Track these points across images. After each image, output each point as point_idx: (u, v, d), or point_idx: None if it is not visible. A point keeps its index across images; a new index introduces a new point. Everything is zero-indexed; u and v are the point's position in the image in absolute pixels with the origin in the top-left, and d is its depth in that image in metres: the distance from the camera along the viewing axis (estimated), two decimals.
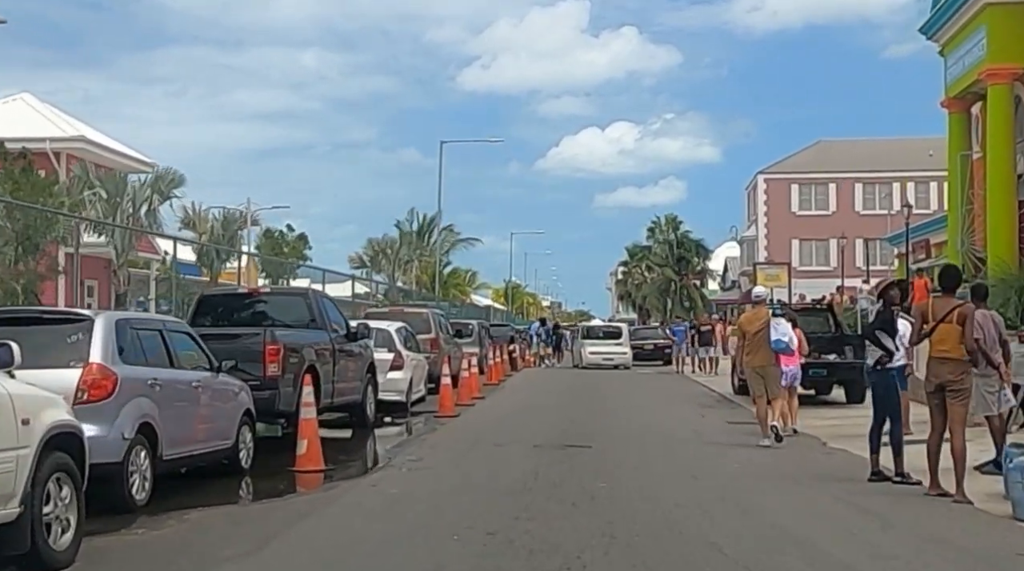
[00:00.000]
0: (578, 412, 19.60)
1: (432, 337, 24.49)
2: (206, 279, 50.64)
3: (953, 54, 32.22)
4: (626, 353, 40.38)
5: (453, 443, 14.33)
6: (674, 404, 22.08)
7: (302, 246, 49.86)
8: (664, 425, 17.39)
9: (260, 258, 48.09)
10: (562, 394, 24.82)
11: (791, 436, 15.41)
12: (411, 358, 20.52)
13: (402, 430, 17.69)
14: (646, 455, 13.08)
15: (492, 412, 19.85)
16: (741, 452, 13.34)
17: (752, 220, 70.53)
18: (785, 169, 68.43)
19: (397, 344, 19.96)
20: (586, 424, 17.35)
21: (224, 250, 46.32)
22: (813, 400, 21.78)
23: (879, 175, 66.82)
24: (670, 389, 27.11)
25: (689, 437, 15.48)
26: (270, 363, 12.60)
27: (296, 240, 49.89)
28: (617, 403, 22.35)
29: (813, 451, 13.80)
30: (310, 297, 14.88)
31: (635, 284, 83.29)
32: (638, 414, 19.56)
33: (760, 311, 14.57)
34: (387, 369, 19.52)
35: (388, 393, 19.41)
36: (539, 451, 13.28)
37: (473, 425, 17.18)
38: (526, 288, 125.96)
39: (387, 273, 72.49)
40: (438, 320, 25.67)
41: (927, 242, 37.15)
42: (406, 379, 19.85)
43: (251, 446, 11.43)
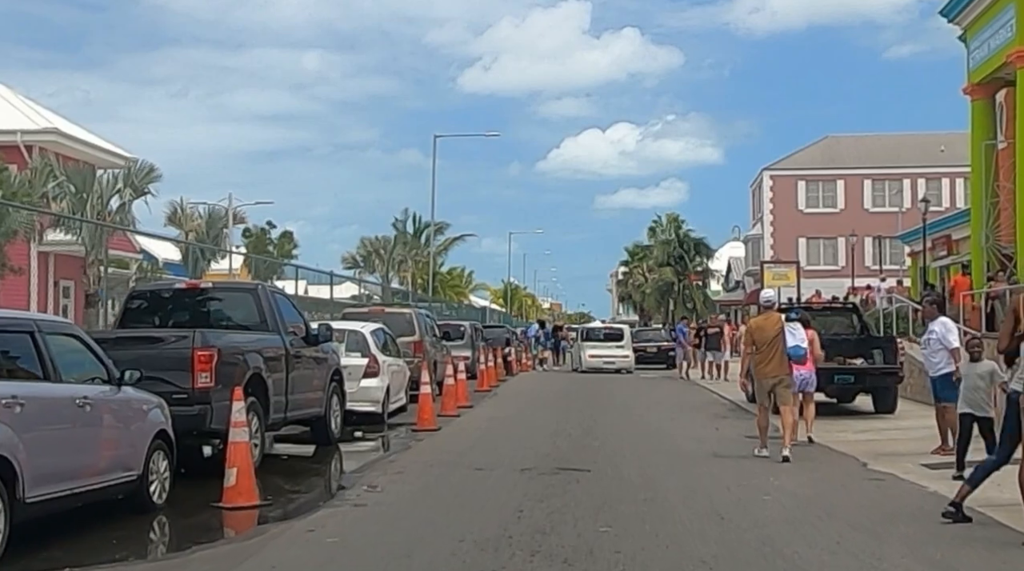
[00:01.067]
0: (575, 425, 17.36)
1: (416, 340, 22.27)
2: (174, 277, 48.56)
3: (977, 37, 30.31)
4: (628, 357, 38.15)
5: (425, 466, 12.09)
6: (683, 414, 19.83)
7: (288, 244, 47.54)
8: (675, 441, 15.15)
9: (247, 257, 45.79)
10: (558, 402, 22.58)
11: (806, 445, 13.78)
12: (388, 363, 18.29)
13: (376, 446, 15.47)
14: (657, 483, 10.82)
15: (478, 425, 17.61)
16: (771, 478, 11.10)
17: (757, 218, 68.23)
18: (792, 165, 66.08)
19: (372, 348, 17.73)
20: (584, 440, 15.12)
21: (208, 249, 44.16)
22: (834, 409, 19.59)
23: (889, 171, 64.51)
24: (677, 397, 24.85)
25: (705, 457, 13.22)
26: (200, 372, 10.36)
27: (281, 238, 47.57)
28: (620, 413, 20.12)
29: (855, 477, 11.54)
30: (260, 294, 12.64)
31: (636, 285, 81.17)
32: (644, 427, 17.33)
33: (772, 317, 13.10)
34: (360, 376, 17.32)
35: (361, 403, 17.21)
36: (527, 477, 11.05)
37: (453, 442, 14.94)
38: (526, 289, 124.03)
39: (381, 273, 70.41)
40: (423, 321, 23.44)
41: (948, 238, 34.92)
42: (382, 387, 17.62)
43: (166, 476, 9.18)
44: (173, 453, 9.31)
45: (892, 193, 63.48)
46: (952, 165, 63.14)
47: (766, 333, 12.66)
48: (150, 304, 12.89)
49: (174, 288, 13.52)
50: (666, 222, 77.24)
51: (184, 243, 45.81)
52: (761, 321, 13.11)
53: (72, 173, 33.13)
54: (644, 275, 79.27)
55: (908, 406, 19.63)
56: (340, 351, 17.40)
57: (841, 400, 20.91)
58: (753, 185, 71.03)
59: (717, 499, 9.65)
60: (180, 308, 12.74)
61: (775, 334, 12.61)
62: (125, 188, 33.95)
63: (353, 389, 17.06)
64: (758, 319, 13.55)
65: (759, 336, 12.73)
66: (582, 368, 37.98)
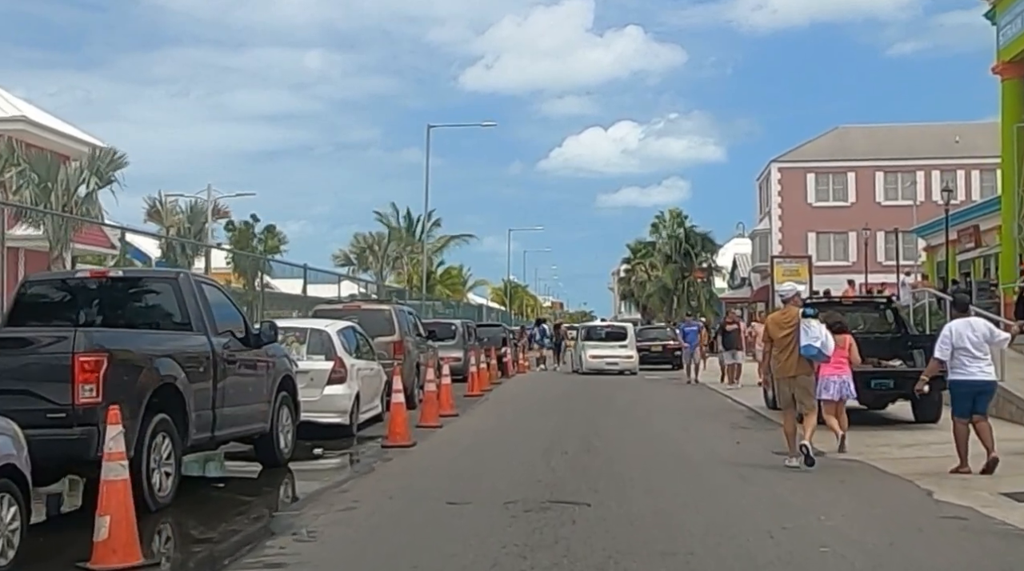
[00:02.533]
0: (574, 437, 14.94)
1: (395, 340, 19.87)
2: None
3: (1009, 11, 28.30)
4: (632, 357, 35.72)
5: (384, 498, 9.68)
6: (697, 424, 17.42)
7: (271, 239, 45.10)
8: (691, 460, 12.73)
9: (230, 253, 43.29)
10: (555, 409, 20.16)
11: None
12: (359, 367, 15.90)
13: (337, 465, 13.14)
14: (675, 524, 8.40)
15: (461, 439, 15.19)
16: (820, 517, 8.68)
17: (765, 212, 65.72)
18: (800, 157, 63.57)
19: (338, 349, 15.33)
20: (584, 458, 12.71)
21: (190, 244, 41.77)
22: (865, 417, 17.24)
23: (902, 163, 62.06)
24: (688, 402, 22.41)
25: (731, 482, 10.82)
26: (83, 383, 7.96)
27: (265, 232, 45.13)
28: (624, 422, 17.70)
29: (925, 513, 9.12)
30: (181, 284, 10.20)
31: (638, 282, 78.76)
32: (653, 440, 14.90)
33: (789, 311, 12.33)
34: (323, 382, 14.95)
35: (325, 414, 14.84)
36: (510, 515, 8.65)
37: (427, 462, 12.55)
38: (526, 288, 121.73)
39: (375, 271, 67.96)
40: (404, 319, 21.02)
41: (975, 229, 32.49)
42: (350, 395, 15.23)
43: (15, 528, 6.76)
44: (26, 496, 6.89)
45: (905, 185, 61.04)
46: (967, 156, 60.86)
47: (781, 329, 12.07)
48: (47, 297, 10.48)
49: (76, 277, 11.07)
50: (669, 218, 74.95)
51: (163, 238, 43.42)
52: (778, 316, 12.53)
53: (36, 161, 30.77)
54: (647, 272, 76.90)
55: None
56: (300, 353, 15.05)
57: (872, 406, 18.53)
58: (760, 178, 68.57)
59: (759, 553, 7.22)
60: (83, 302, 10.32)
61: (790, 330, 11.91)
62: (90, 176, 31.52)
63: (315, 397, 14.71)
64: (775, 314, 13.02)
65: (775, 332, 12.12)
66: (583, 369, 35.58)
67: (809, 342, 11.78)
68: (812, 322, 12.01)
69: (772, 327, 12.30)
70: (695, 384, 28.22)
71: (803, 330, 11.83)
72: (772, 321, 12.57)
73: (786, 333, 11.96)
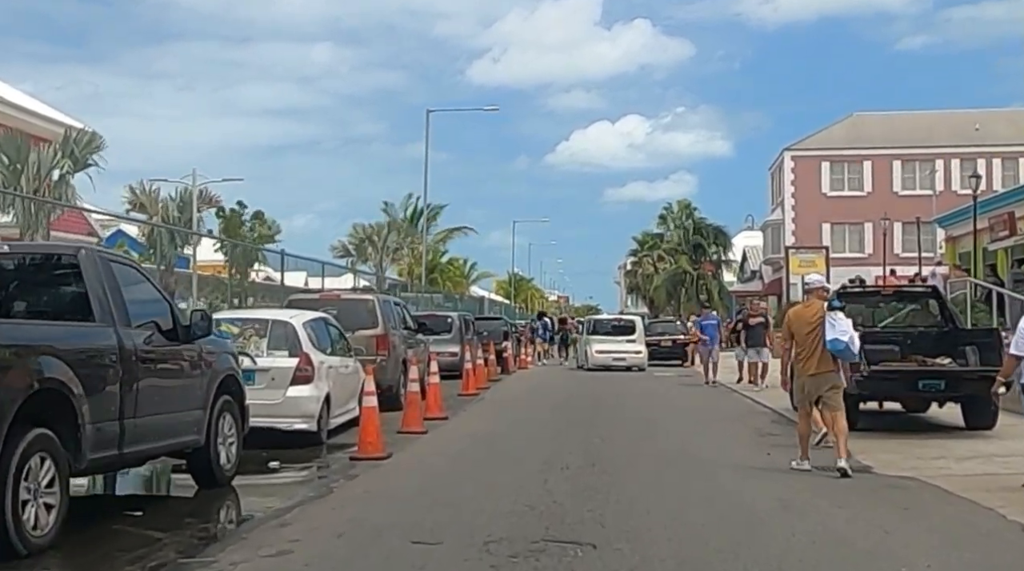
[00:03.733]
0: (576, 448, 12.82)
1: (379, 333, 17.78)
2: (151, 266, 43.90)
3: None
4: (641, 352, 33.61)
5: (331, 537, 7.55)
6: (718, 430, 15.30)
7: (262, 226, 42.92)
8: (717, 478, 10.61)
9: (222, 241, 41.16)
10: (557, 412, 18.05)
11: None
12: (330, 365, 13.82)
13: (295, 482, 11.05)
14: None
15: (444, 449, 13.09)
16: (888, 560, 6.59)
17: (778, 203, 63.43)
18: (815, 145, 61.23)
19: (304, 344, 13.25)
20: (588, 477, 10.59)
21: (180, 232, 39.67)
22: (905, 423, 15.17)
23: (920, 151, 59.72)
24: (705, 402, 20.29)
25: (773, 512, 8.70)
26: None
27: (253, 219, 42.97)
28: (635, 428, 15.59)
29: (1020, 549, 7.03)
30: (82, 262, 8.09)
31: (645, 275, 76.56)
32: (670, 452, 12.74)
33: (812, 304, 11.44)
34: (287, 382, 12.90)
35: (287, 419, 12.83)
36: (490, 564, 6.57)
37: (398, 480, 10.46)
38: (531, 281, 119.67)
39: (374, 262, 65.85)
40: (390, 310, 18.91)
41: (1010, 216, 30.30)
42: (318, 396, 13.16)
43: None
44: None
45: (924, 175, 58.77)
46: (988, 144, 58.63)
47: (804, 323, 11.12)
48: None
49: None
50: (678, 209, 72.83)
51: (139, 223, 41.33)
52: (801, 309, 11.59)
53: (4, 141, 28.73)
54: (654, 265, 74.67)
55: (1008, 419, 15.12)
56: (261, 349, 12.99)
57: (913, 409, 16.45)
58: (772, 167, 66.31)
59: None
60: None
61: (815, 325, 10.97)
62: (63, 158, 29.43)
63: (277, 400, 12.70)
64: (798, 307, 12.05)
65: (796, 327, 11.20)
66: (588, 365, 33.49)
67: (836, 336, 10.85)
68: (839, 315, 11.08)
69: (795, 321, 11.32)
70: (713, 385, 25.50)
71: (829, 324, 10.91)
72: (795, 315, 11.55)
73: (811, 328, 11.03)
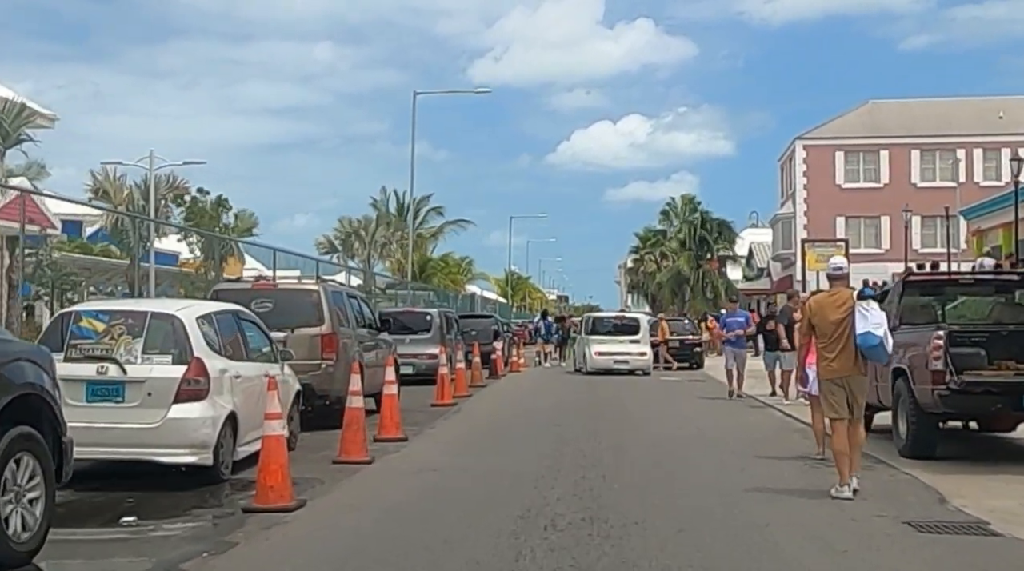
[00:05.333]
0: (566, 495, 9.23)
1: (324, 332, 14.25)
2: (101, 258, 40.32)
3: None
4: (645, 354, 30.10)
5: None
6: (753, 458, 11.74)
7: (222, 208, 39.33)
8: (775, 542, 7.11)
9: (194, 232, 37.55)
10: (545, 431, 14.43)
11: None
12: (237, 374, 10.27)
13: (169, 545, 7.52)
14: None
15: (381, 493, 9.50)
16: None
17: (788, 195, 59.79)
18: (828, 134, 57.59)
19: (196, 346, 9.70)
20: (582, 544, 7.06)
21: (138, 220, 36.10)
22: (981, 447, 11.71)
23: (940, 141, 56.09)
24: (726, 415, 16.70)
25: None
26: None
27: (217, 206, 39.37)
28: (646, 455, 11.99)
29: None
30: None
31: (647, 273, 73.08)
32: (697, 497, 9.20)
33: (840, 293, 9.65)
34: (169, 398, 9.39)
35: (169, 450, 9.34)
36: None
37: (303, 550, 6.94)
38: (529, 279, 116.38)
39: (361, 258, 62.32)
40: (342, 304, 15.37)
41: None
42: (214, 418, 9.62)
43: None
44: None
45: (944, 165, 55.23)
46: (1013, 133, 55.04)
47: (829, 315, 9.48)
48: None
49: None
50: (681, 205, 69.36)
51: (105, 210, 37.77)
52: (824, 298, 9.87)
53: None
54: (656, 262, 71.23)
55: None
56: (134, 353, 9.48)
57: (995, 429, 12.97)
58: (783, 158, 62.72)
59: None
60: None
61: (842, 316, 9.39)
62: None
63: (154, 423, 9.23)
64: (821, 296, 10.26)
65: (820, 318, 9.55)
66: (587, 368, 29.96)
67: (868, 330, 9.16)
68: (872, 305, 9.38)
69: (818, 312, 9.56)
70: (739, 398, 20.09)
71: (860, 315, 9.23)
72: (817, 305, 9.73)
73: (838, 320, 9.35)
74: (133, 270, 37.38)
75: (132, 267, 38.15)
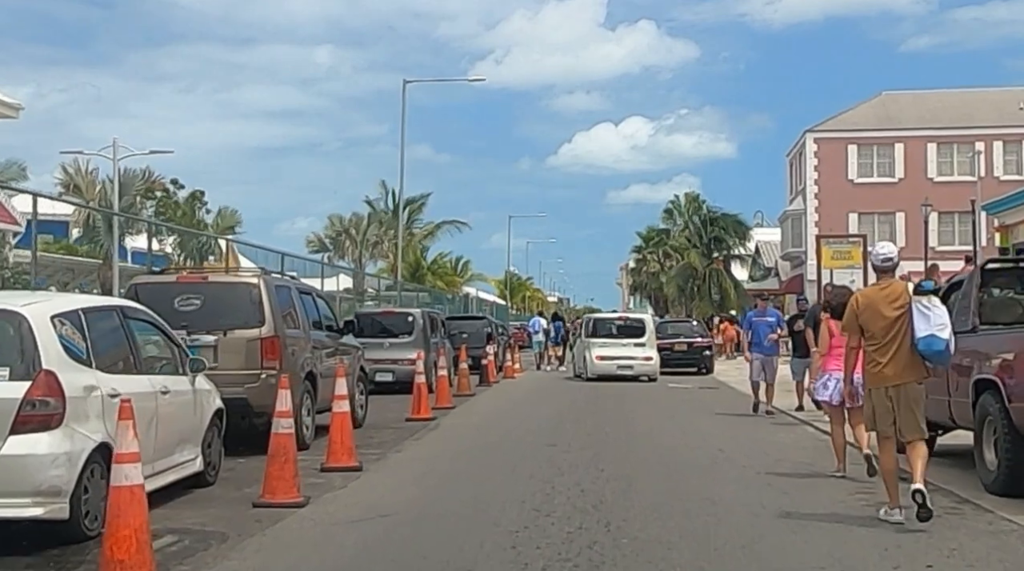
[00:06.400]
0: (554, 565, 6.59)
1: (265, 335, 11.59)
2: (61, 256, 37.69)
3: None
4: (652, 359, 27.43)
5: None
6: (800, 493, 9.06)
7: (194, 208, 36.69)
8: None
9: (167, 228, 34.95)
10: (533, 460, 11.67)
11: None
12: (109, 392, 7.57)
13: None
14: None
15: (299, 564, 6.85)
16: None
17: (798, 191, 57.12)
18: (840, 126, 54.94)
19: (46, 355, 7.03)
20: None
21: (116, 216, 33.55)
22: None
23: (958, 133, 53.43)
24: (756, 437, 13.99)
25: None
26: None
27: (191, 200, 36.72)
28: (667, 495, 9.30)
29: None
30: None
31: (650, 273, 70.41)
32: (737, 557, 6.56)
33: (892, 286, 7.81)
34: (4, 429, 6.74)
35: (3, 500, 6.67)
36: None
37: None
38: (528, 280, 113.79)
39: (352, 258, 59.70)
40: (292, 301, 12.70)
41: None
42: (71, 453, 6.93)
43: None
44: None
45: (963, 158, 52.61)
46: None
47: (881, 311, 7.67)
48: None
49: None
50: (685, 203, 66.66)
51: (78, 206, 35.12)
52: (874, 293, 7.92)
53: None
54: (660, 262, 68.60)
55: None
56: None
57: None
58: (792, 152, 60.07)
59: None
60: None
61: (897, 314, 7.60)
62: None
63: None
64: (870, 290, 8.20)
65: (870, 317, 7.70)
66: (588, 374, 27.31)
67: (932, 332, 7.49)
68: (934, 301, 7.71)
69: (867, 309, 7.81)
70: (768, 414, 16.64)
71: (920, 314, 7.57)
72: (866, 300, 7.94)
73: (891, 318, 7.68)
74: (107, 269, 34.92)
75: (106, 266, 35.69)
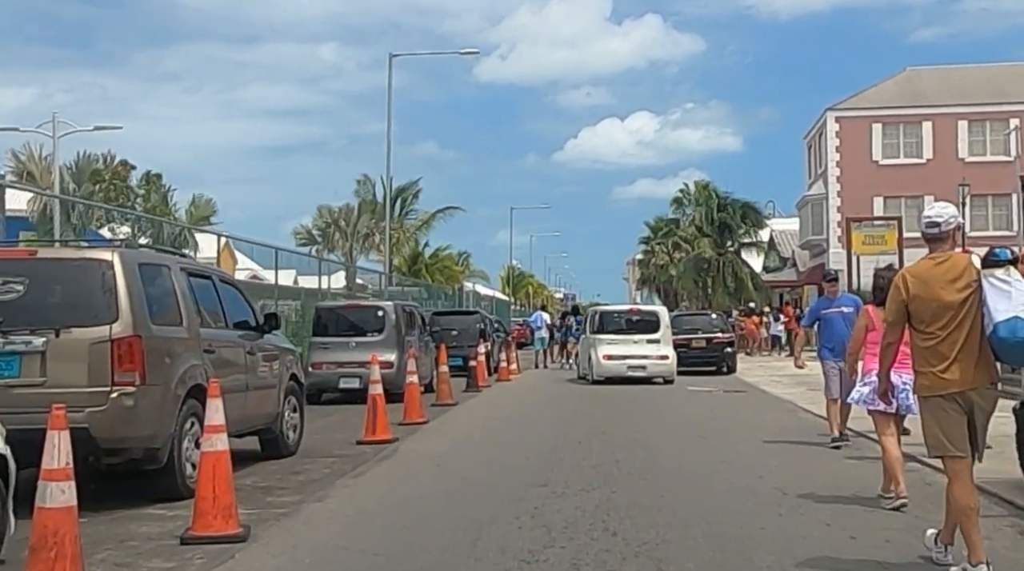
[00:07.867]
0: None
1: (120, 335, 7.92)
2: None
3: None
4: (668, 358, 23.73)
5: None
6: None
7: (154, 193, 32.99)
8: None
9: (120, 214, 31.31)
10: (510, 513, 8.00)
11: None
12: None
13: None
14: None
15: None
16: None
17: (819, 175, 53.29)
18: (863, 104, 51.04)
19: None
20: None
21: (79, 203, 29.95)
22: None
23: (990, 110, 49.51)
24: (824, 471, 10.25)
25: None
26: None
27: (146, 184, 33.03)
28: None
29: None
30: None
31: (659, 265, 66.68)
32: None
33: (952, 259, 5.65)
34: None
35: None
36: None
37: None
38: (532, 275, 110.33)
39: (342, 251, 56.11)
40: (168, 286, 9.02)
41: None
42: None
43: None
44: None
45: (996, 137, 48.81)
46: None
47: (940, 294, 5.56)
48: None
49: None
50: (695, 191, 62.90)
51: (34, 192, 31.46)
52: (927, 269, 5.69)
53: None
54: (668, 254, 64.86)
55: None
56: None
57: None
58: (810, 134, 56.24)
59: None
60: None
61: (963, 295, 5.50)
62: None
63: None
64: (921, 265, 5.79)
65: (924, 300, 5.60)
66: (594, 376, 23.65)
67: (1017, 314, 5.26)
68: (1013, 273, 5.42)
69: (920, 291, 5.56)
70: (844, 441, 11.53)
71: (996, 291, 5.34)
72: (917, 279, 5.60)
73: (953, 301, 5.48)
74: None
75: None
